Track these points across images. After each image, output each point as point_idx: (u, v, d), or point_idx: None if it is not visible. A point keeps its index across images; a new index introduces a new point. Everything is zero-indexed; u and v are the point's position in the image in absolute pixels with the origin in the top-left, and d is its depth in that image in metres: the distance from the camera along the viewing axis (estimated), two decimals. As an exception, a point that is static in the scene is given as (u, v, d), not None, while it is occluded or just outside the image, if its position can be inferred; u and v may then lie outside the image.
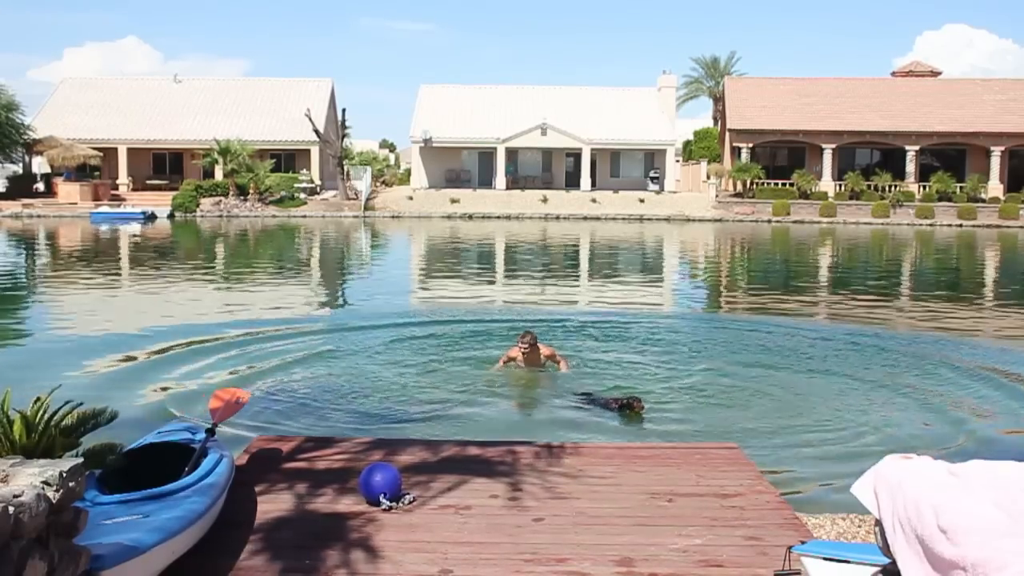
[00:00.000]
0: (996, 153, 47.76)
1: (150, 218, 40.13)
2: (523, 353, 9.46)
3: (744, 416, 8.25)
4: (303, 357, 10.72)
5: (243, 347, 11.31)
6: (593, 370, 9.97)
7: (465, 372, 9.76)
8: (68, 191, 44.26)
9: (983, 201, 45.82)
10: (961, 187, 46.55)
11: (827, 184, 48.06)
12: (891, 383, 9.72)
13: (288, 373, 9.78)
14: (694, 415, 8.25)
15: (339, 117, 51.15)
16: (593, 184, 50.05)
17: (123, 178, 48.56)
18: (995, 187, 47.00)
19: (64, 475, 3.00)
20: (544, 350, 9.65)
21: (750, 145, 49.06)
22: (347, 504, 4.93)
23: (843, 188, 47.43)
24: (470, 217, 43.62)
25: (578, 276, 23.27)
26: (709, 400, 8.86)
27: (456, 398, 8.76)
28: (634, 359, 10.74)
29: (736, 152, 49.53)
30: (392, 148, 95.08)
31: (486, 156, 51.31)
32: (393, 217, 43.52)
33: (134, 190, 47.85)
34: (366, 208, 44.18)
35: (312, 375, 9.73)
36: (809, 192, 47.05)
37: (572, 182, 50.86)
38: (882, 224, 43.47)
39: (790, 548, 3.72)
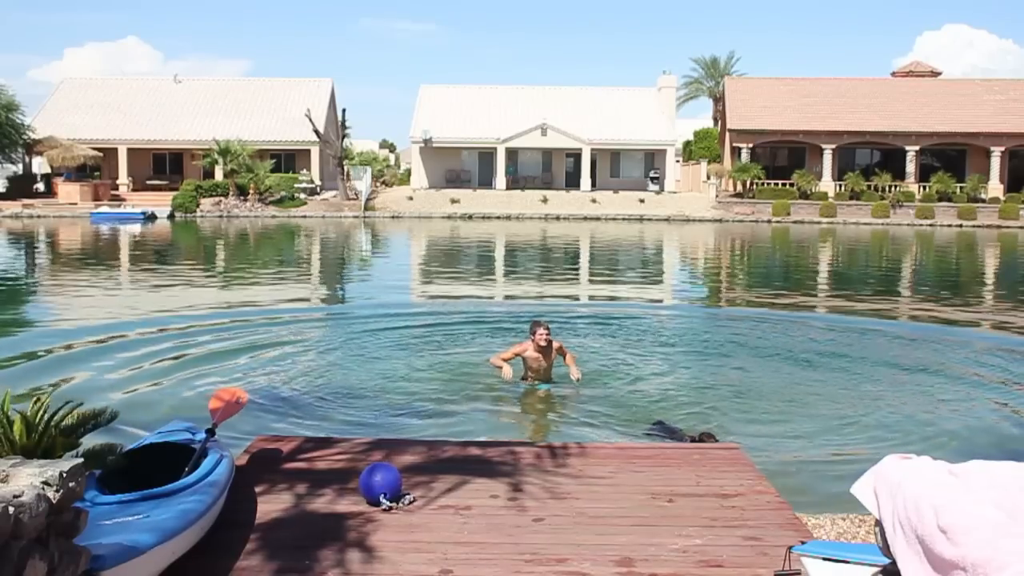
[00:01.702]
0: (996, 153, 47.76)
1: (150, 218, 40.13)
2: (539, 347, 8.83)
3: (744, 416, 8.25)
4: (303, 357, 10.73)
5: (243, 347, 11.31)
6: (593, 369, 9.96)
7: (466, 372, 9.75)
8: (68, 191, 44.26)
9: (983, 201, 45.82)
10: (961, 187, 46.55)
11: (827, 184, 48.06)
12: (892, 383, 9.72)
13: (288, 373, 9.78)
14: (694, 415, 8.25)
15: (339, 117, 51.15)
16: (593, 184, 50.06)
17: (123, 178, 48.56)
18: (995, 187, 47.00)
19: (64, 475, 3.00)
20: (555, 344, 9.05)
21: (750, 145, 49.06)
22: (347, 504, 4.92)
23: (843, 188, 47.43)
24: (470, 217, 43.61)
25: (578, 274, 23.27)
26: (709, 400, 8.86)
27: (457, 398, 8.75)
28: (633, 358, 10.73)
29: (736, 152, 49.53)
30: (392, 148, 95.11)
31: (486, 156, 51.31)
32: (393, 217, 43.52)
33: (134, 190, 47.85)
34: (366, 208, 44.18)
35: (312, 375, 9.73)
36: (809, 192, 47.05)
37: (572, 182, 50.87)
38: (882, 224, 43.48)
39: (790, 548, 3.72)
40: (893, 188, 46.94)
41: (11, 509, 2.71)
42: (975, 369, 10.66)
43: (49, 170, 47.91)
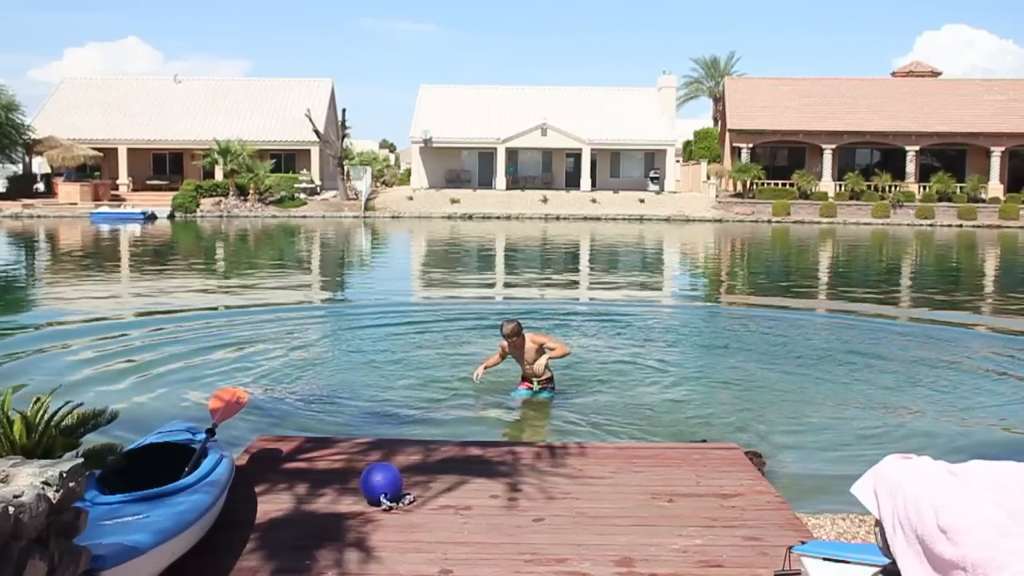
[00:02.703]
0: (996, 153, 47.75)
1: (150, 218, 40.13)
2: (510, 343, 8.53)
3: (744, 416, 8.24)
4: (303, 358, 10.73)
5: (243, 348, 11.31)
6: (593, 368, 9.96)
7: (467, 372, 9.73)
8: (68, 191, 44.26)
9: (983, 201, 45.82)
10: (961, 187, 46.55)
11: (827, 184, 48.05)
12: (892, 382, 9.71)
13: (288, 373, 9.78)
14: (694, 415, 8.25)
15: (339, 117, 51.15)
16: (593, 184, 50.05)
17: (123, 178, 48.56)
18: (995, 187, 47.00)
19: (64, 475, 3.00)
20: (534, 338, 8.73)
21: (750, 145, 49.06)
22: (347, 504, 4.92)
23: (843, 188, 47.42)
24: (470, 217, 43.61)
25: (578, 274, 23.27)
26: (710, 400, 8.86)
27: (457, 398, 8.75)
28: (633, 357, 10.72)
29: (736, 152, 49.52)
30: (392, 148, 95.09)
31: (486, 156, 51.31)
32: (393, 217, 43.51)
33: (134, 190, 47.84)
34: (366, 208, 44.18)
35: (312, 375, 9.73)
36: (809, 192, 47.05)
37: (572, 182, 50.86)
38: (882, 224, 43.48)
39: (790, 548, 3.72)
40: (893, 188, 46.93)
41: (11, 509, 2.71)
42: (976, 368, 10.65)
43: (49, 170, 47.90)
